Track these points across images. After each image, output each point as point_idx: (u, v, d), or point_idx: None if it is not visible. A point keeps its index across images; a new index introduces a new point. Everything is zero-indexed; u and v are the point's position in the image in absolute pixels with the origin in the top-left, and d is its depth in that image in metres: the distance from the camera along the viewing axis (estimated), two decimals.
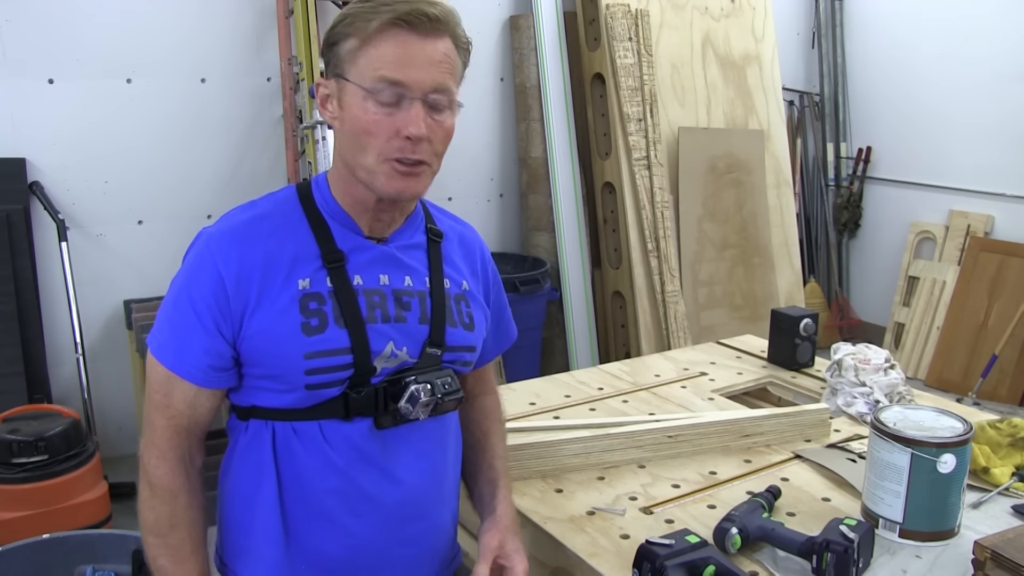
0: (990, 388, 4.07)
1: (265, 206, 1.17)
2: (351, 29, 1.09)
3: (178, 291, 1.13)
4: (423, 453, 1.20)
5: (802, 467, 1.58)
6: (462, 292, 1.26)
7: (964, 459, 1.30)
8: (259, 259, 1.11)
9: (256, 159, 3.50)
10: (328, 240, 1.15)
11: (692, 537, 1.20)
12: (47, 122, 3.11)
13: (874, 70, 4.85)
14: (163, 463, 1.14)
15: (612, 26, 3.77)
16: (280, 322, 1.10)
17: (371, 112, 1.08)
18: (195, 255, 1.13)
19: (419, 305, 1.18)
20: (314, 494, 1.14)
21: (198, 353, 1.11)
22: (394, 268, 1.18)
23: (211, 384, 1.13)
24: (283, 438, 1.14)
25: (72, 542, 2.05)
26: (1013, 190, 4.26)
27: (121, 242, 3.30)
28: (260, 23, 3.42)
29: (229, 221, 1.15)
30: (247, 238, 1.12)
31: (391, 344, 1.15)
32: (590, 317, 3.96)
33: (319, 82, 1.14)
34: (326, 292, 1.12)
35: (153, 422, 1.14)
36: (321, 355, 1.10)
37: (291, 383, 1.11)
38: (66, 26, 3.09)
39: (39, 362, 3.12)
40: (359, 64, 1.08)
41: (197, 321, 1.10)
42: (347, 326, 1.12)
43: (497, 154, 4.05)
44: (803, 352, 2.09)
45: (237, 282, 1.09)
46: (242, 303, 1.10)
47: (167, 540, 1.14)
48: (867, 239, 5.03)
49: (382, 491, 1.16)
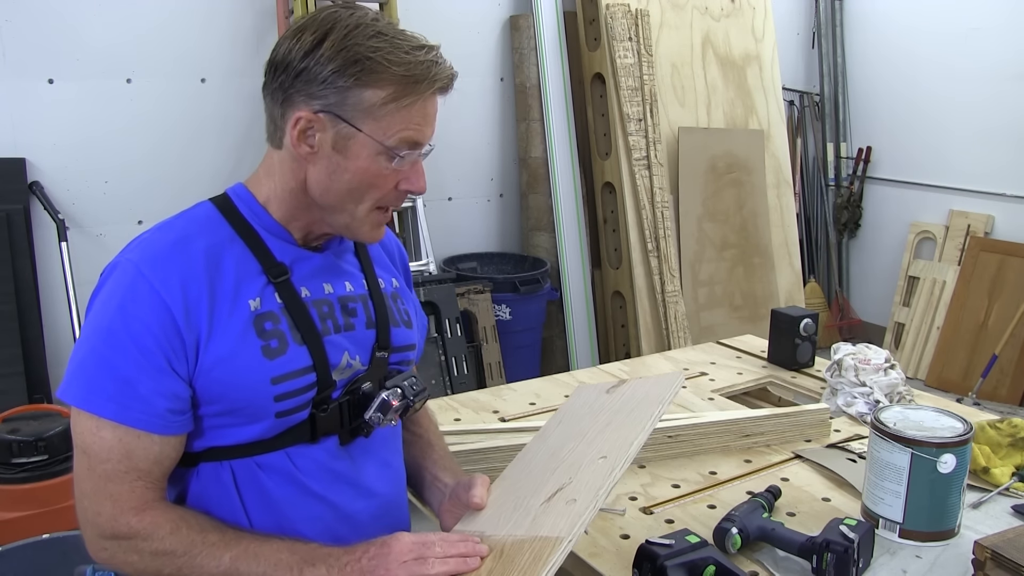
0: (990, 388, 4.07)
1: (186, 226, 1.06)
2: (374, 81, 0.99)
3: (109, 332, 0.98)
4: (384, 460, 1.17)
5: (802, 467, 1.58)
6: (395, 290, 1.23)
7: (964, 459, 1.30)
8: (204, 282, 1.01)
9: (256, 159, 3.44)
10: (266, 254, 1.06)
11: (692, 537, 1.20)
12: (47, 122, 3.11)
13: (874, 70, 4.85)
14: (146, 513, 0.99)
15: (612, 26, 3.77)
16: (240, 350, 1.00)
17: (382, 167, 1.03)
18: (124, 287, 0.99)
19: (363, 310, 1.14)
20: (292, 527, 1.06)
21: (151, 398, 0.97)
22: (334, 275, 1.13)
23: (172, 430, 1.00)
24: (246, 475, 1.05)
25: (72, 542, 2.04)
26: (1013, 190, 4.26)
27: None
28: (260, 23, 3.42)
29: (153, 245, 1.03)
30: (184, 261, 1.01)
31: (346, 354, 1.10)
32: (590, 317, 3.96)
33: (302, 115, 1.01)
34: (277, 309, 1.05)
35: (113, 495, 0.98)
36: (287, 378, 1.03)
37: (257, 413, 1.02)
38: (66, 26, 3.09)
39: (39, 362, 3.12)
40: (382, 121, 1.00)
41: (144, 361, 0.97)
42: (305, 342, 1.05)
43: (497, 154, 4.05)
44: (803, 352, 2.09)
45: (186, 311, 0.98)
46: (195, 334, 0.99)
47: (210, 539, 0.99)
48: (867, 239, 5.03)
49: (358, 508, 1.12)
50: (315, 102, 1.01)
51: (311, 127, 1.02)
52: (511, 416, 1.76)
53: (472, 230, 4.07)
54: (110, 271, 1.04)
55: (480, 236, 4.11)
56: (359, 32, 1.00)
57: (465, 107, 3.86)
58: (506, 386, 1.97)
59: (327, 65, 0.99)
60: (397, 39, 1.01)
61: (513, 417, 1.76)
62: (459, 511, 1.13)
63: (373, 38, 1.00)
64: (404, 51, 1.00)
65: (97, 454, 0.98)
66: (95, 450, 0.98)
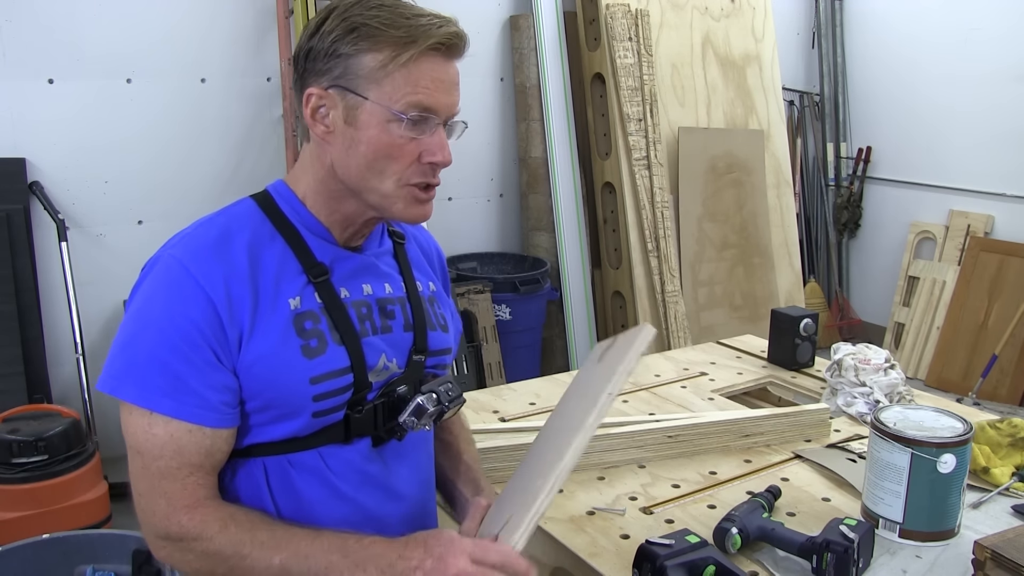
0: (990, 388, 4.07)
1: (227, 222, 1.05)
2: (370, 44, 0.99)
3: (155, 326, 0.98)
4: (417, 464, 1.17)
5: (802, 467, 1.58)
6: (432, 294, 1.22)
7: (964, 459, 1.30)
8: (246, 279, 1.00)
9: (256, 159, 3.50)
10: (307, 253, 1.06)
11: (692, 537, 1.20)
12: (47, 122, 3.11)
13: (874, 70, 4.85)
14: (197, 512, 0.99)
15: (612, 26, 3.77)
16: (281, 348, 1.01)
17: (395, 135, 1.01)
18: (168, 282, 0.99)
19: (401, 312, 1.14)
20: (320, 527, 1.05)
21: (203, 392, 0.98)
22: (374, 277, 1.13)
23: (226, 423, 1.00)
24: (278, 474, 1.05)
25: (72, 542, 2.04)
26: (1013, 190, 4.26)
27: (121, 242, 3.30)
28: (260, 23, 3.42)
29: (196, 240, 1.02)
30: (227, 258, 1.01)
31: (383, 356, 1.10)
32: (590, 317, 3.96)
33: (312, 91, 1.02)
34: (317, 309, 1.05)
35: (167, 493, 0.99)
36: (326, 377, 1.03)
37: (294, 411, 1.03)
38: (66, 26, 3.09)
39: (39, 362, 3.12)
40: (384, 85, 1.00)
41: (193, 355, 0.97)
42: (344, 343, 1.05)
43: (497, 154, 4.06)
44: (803, 352, 2.09)
45: (229, 306, 0.98)
46: (238, 329, 0.99)
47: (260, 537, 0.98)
48: (867, 239, 5.03)
49: (387, 511, 1.11)
50: (323, 79, 1.02)
51: (322, 104, 1.03)
52: (511, 416, 1.77)
53: (472, 230, 4.07)
54: (152, 265, 1.03)
55: (480, 236, 4.11)
56: (360, 5, 1.01)
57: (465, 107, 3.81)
58: (506, 386, 1.97)
59: (328, 38, 1.01)
60: (399, 8, 1.02)
61: (513, 417, 1.76)
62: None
63: (373, 8, 1.01)
64: (405, 17, 1.00)
65: (150, 451, 0.98)
66: (148, 448, 0.98)
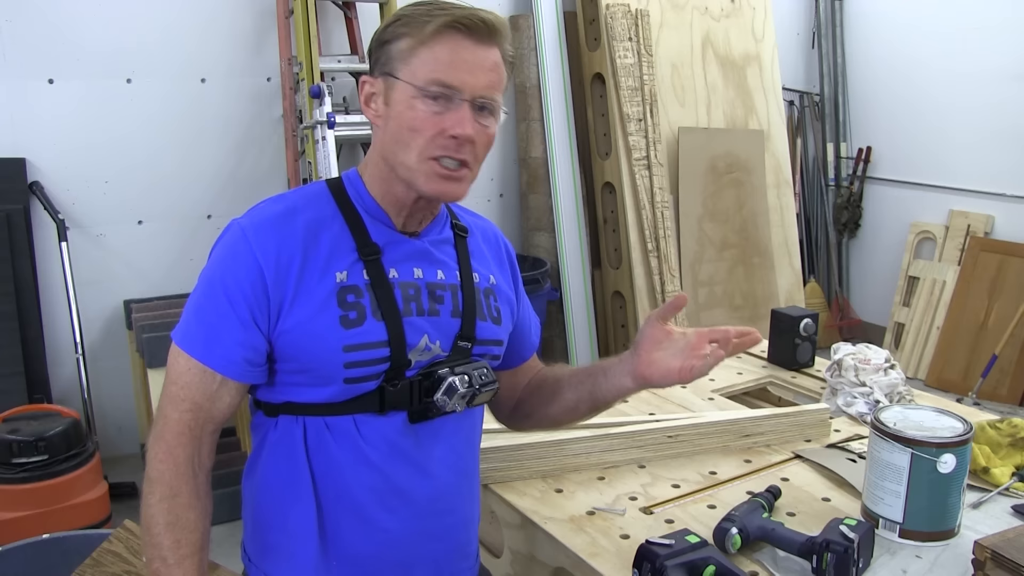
0: (990, 388, 4.07)
1: (296, 200, 1.16)
2: (406, 29, 1.09)
3: (209, 282, 1.10)
4: (453, 447, 1.20)
5: (802, 467, 1.58)
6: (490, 286, 1.26)
7: (964, 459, 1.30)
8: (298, 251, 1.10)
9: (256, 159, 3.50)
10: (363, 233, 1.15)
11: (692, 537, 1.20)
12: (47, 122, 3.12)
13: (874, 70, 4.85)
14: (168, 459, 1.10)
15: (612, 26, 3.77)
16: (319, 316, 1.09)
17: (419, 110, 1.08)
18: (229, 246, 1.11)
19: (451, 299, 1.19)
20: (347, 490, 1.13)
21: (232, 345, 1.08)
22: (427, 262, 1.19)
23: (243, 378, 1.11)
24: (315, 434, 1.13)
25: (72, 542, 2.04)
26: (1013, 190, 4.26)
27: (121, 242, 3.30)
28: (260, 23, 3.42)
29: (262, 213, 1.13)
30: (284, 230, 1.11)
31: (425, 337, 1.15)
32: (590, 317, 3.96)
33: (365, 79, 1.14)
34: (363, 285, 1.12)
35: (166, 416, 1.11)
36: (359, 348, 1.10)
37: (328, 377, 1.10)
38: (66, 26, 3.09)
39: (39, 362, 3.12)
40: (411, 64, 1.09)
41: (232, 312, 1.08)
42: (384, 319, 1.12)
43: (497, 154, 4.06)
44: (803, 352, 2.09)
45: (276, 274, 1.08)
46: (280, 296, 1.09)
47: (160, 540, 1.10)
48: (867, 239, 5.03)
49: (415, 486, 1.15)
50: (375, 68, 1.14)
51: (373, 91, 1.14)
52: None
53: None
54: (226, 230, 1.14)
55: None
56: (412, 4, 1.12)
57: None
58: None
59: (381, 32, 1.13)
60: (445, 3, 1.11)
61: None
62: (660, 342, 1.20)
63: (422, 5, 1.11)
64: (440, 7, 1.10)
65: (170, 376, 1.11)
66: (171, 373, 1.12)
